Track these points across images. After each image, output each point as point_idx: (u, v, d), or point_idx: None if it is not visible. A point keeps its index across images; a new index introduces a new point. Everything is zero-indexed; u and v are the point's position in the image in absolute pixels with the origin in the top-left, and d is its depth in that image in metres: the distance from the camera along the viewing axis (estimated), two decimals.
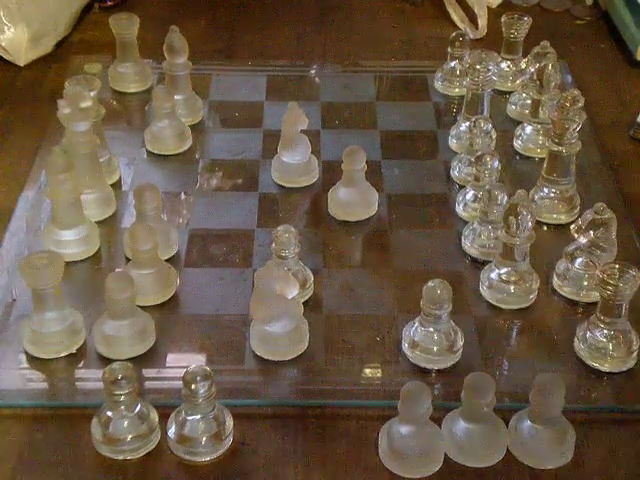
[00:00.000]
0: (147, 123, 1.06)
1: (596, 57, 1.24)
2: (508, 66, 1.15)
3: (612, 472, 0.73)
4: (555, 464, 0.72)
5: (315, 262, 0.89)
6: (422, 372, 0.79)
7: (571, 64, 1.20)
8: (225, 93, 1.15)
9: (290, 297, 0.79)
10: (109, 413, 0.72)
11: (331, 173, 0.99)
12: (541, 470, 0.72)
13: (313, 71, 1.20)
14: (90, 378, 0.79)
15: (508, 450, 0.73)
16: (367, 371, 0.80)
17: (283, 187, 1.00)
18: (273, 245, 0.83)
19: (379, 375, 0.80)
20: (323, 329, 0.83)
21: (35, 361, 0.80)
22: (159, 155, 1.04)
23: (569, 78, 1.16)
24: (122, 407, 0.72)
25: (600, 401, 0.78)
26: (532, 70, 1.02)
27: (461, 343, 0.80)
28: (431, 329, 0.79)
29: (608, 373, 0.79)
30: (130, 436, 0.72)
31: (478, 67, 1.00)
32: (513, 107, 1.10)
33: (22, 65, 1.19)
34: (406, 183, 1.01)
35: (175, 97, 1.04)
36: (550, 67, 1.01)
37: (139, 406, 0.73)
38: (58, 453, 0.73)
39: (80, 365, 0.80)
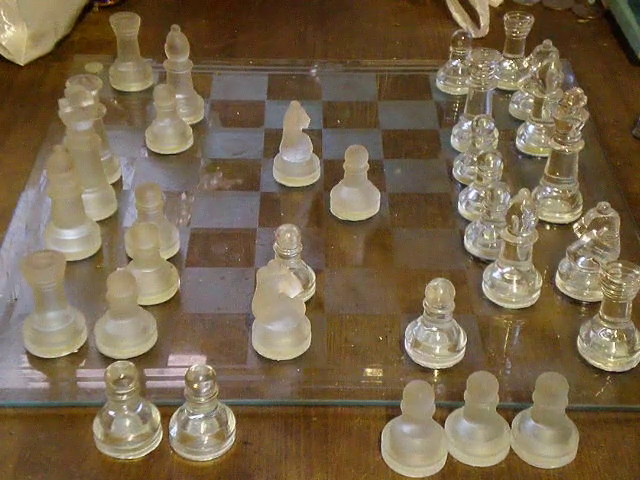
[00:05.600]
0: (148, 122, 1.06)
1: (598, 56, 1.24)
2: (510, 65, 1.15)
3: (616, 471, 0.72)
4: (559, 464, 0.72)
5: (317, 261, 0.89)
6: (425, 371, 0.79)
7: (573, 63, 1.20)
8: (226, 92, 1.15)
9: (292, 296, 0.79)
10: (111, 412, 0.72)
11: (333, 172, 0.99)
12: (544, 470, 0.72)
13: (315, 70, 1.20)
14: (92, 377, 0.79)
15: (511, 450, 0.73)
16: (369, 370, 0.80)
17: (285, 186, 1.00)
18: (275, 244, 0.83)
19: (381, 374, 0.79)
20: (325, 328, 0.83)
21: (37, 360, 0.79)
22: (160, 154, 1.04)
23: (571, 77, 1.16)
24: (124, 406, 0.72)
25: (603, 400, 0.78)
26: (534, 69, 1.02)
27: (464, 342, 0.80)
28: (434, 328, 0.79)
29: (611, 372, 0.79)
30: (132, 435, 0.72)
31: (480, 66, 1.00)
32: (515, 106, 1.10)
33: (22, 64, 1.19)
34: (408, 182, 1.01)
35: (176, 96, 1.04)
36: (552, 66, 1.00)
37: (141, 405, 0.73)
38: (60, 453, 0.73)
39: (82, 364, 0.80)
